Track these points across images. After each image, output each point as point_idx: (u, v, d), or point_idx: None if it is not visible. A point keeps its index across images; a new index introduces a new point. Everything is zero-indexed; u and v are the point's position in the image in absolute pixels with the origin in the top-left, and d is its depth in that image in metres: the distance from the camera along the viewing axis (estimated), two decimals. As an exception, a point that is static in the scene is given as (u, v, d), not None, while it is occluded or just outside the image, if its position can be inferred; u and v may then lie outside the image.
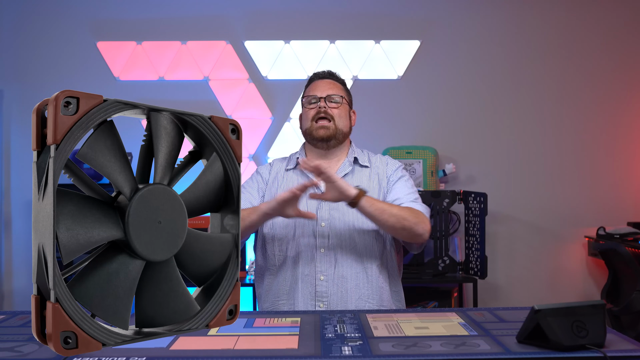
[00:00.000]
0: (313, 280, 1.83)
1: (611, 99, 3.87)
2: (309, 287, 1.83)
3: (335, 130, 1.94)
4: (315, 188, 1.76)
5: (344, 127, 1.96)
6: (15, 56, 3.80)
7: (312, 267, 1.84)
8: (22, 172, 3.79)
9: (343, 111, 1.96)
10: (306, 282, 1.83)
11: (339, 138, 1.96)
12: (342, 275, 1.83)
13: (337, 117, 1.94)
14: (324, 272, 1.83)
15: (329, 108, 1.94)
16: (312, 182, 1.70)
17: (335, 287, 1.82)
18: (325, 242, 1.85)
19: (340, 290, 1.82)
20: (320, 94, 1.96)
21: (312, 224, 1.87)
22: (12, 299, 3.77)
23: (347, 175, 1.96)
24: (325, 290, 1.82)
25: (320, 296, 1.82)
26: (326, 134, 1.93)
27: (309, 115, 1.96)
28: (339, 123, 1.95)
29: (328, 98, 1.95)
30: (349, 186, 1.71)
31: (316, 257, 1.84)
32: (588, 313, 1.18)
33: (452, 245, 3.56)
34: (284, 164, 2.05)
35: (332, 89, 1.97)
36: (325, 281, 1.82)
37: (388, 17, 3.83)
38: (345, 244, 1.85)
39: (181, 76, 3.80)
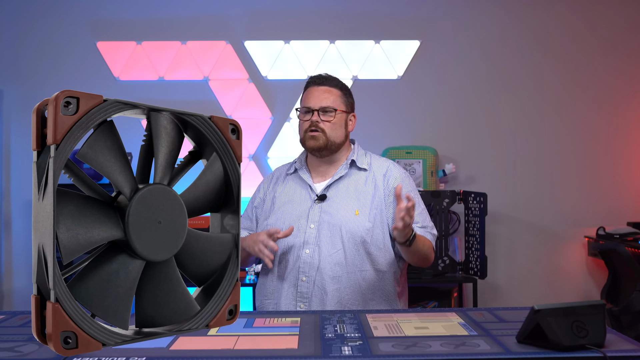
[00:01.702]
0: (296, 281, 1.84)
1: (611, 99, 3.87)
2: (292, 287, 1.85)
3: (326, 141, 1.92)
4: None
5: (336, 138, 1.93)
6: (15, 56, 3.80)
7: (296, 267, 1.85)
8: (22, 172, 3.79)
9: (337, 122, 1.93)
10: (289, 282, 1.85)
11: (331, 148, 1.94)
12: (323, 277, 1.83)
13: (329, 130, 1.92)
14: (307, 273, 1.84)
15: (321, 122, 1.91)
16: (286, 232, 1.80)
17: (316, 289, 1.83)
18: (312, 244, 1.86)
19: (321, 293, 1.82)
20: (314, 105, 1.92)
21: (302, 226, 1.88)
22: (12, 299, 3.77)
23: (343, 177, 1.95)
24: (306, 291, 1.83)
25: (301, 297, 1.83)
26: (316, 144, 1.92)
27: (302, 126, 1.95)
28: (331, 135, 1.92)
29: (321, 110, 1.92)
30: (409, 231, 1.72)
31: (301, 258, 1.85)
32: (588, 313, 1.18)
33: (452, 245, 3.56)
34: (286, 168, 2.08)
35: (327, 98, 1.93)
36: (307, 282, 1.83)
37: (388, 17, 3.83)
38: (330, 247, 1.85)
39: (181, 76, 3.80)
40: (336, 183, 1.95)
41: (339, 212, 1.88)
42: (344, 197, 1.91)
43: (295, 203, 1.94)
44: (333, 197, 1.92)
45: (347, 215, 1.87)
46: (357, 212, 1.88)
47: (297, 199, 1.95)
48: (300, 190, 1.97)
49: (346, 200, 1.91)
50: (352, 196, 1.91)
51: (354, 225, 1.85)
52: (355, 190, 1.92)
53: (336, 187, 1.94)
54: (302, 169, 2.00)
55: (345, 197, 1.91)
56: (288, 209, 1.94)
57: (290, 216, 1.92)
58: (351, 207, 1.89)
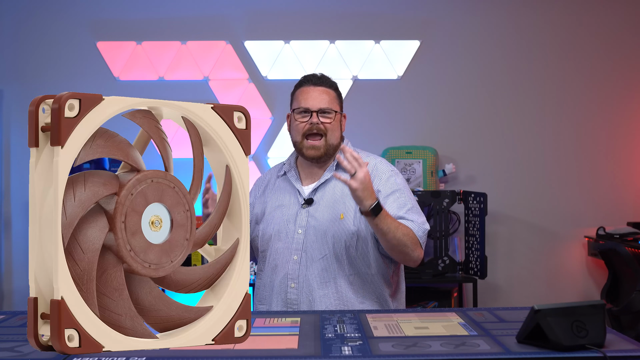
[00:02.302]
0: (285, 287, 1.83)
1: (611, 99, 3.87)
2: (282, 293, 1.83)
3: (325, 148, 1.87)
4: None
5: (334, 141, 1.89)
6: (15, 56, 3.80)
7: (285, 274, 1.84)
8: (22, 172, 3.79)
9: (335, 124, 1.89)
10: (280, 288, 1.84)
11: (329, 153, 1.89)
12: (311, 283, 1.81)
13: (330, 132, 1.87)
14: (295, 280, 1.82)
15: (322, 123, 1.86)
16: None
17: (303, 295, 1.81)
18: (299, 250, 1.84)
19: (309, 299, 1.81)
20: (312, 106, 1.86)
21: (290, 232, 1.86)
22: (12, 299, 3.77)
23: (329, 180, 1.90)
24: (295, 297, 1.82)
25: (291, 303, 1.82)
26: (316, 154, 1.87)
27: (299, 128, 1.88)
28: (330, 138, 1.87)
29: (320, 112, 1.86)
30: (369, 196, 1.66)
31: (290, 264, 1.84)
32: (588, 313, 1.18)
33: (452, 245, 3.57)
34: (277, 170, 2.04)
35: (325, 100, 1.88)
36: (295, 289, 1.82)
37: (388, 17, 3.83)
38: (316, 253, 1.83)
39: (181, 76, 3.80)
40: (322, 186, 1.90)
41: (324, 217, 1.85)
42: (329, 200, 1.88)
43: (284, 208, 1.91)
44: (319, 201, 1.88)
45: (332, 220, 1.84)
46: (342, 215, 1.85)
47: (286, 203, 1.92)
48: (288, 194, 1.93)
49: (332, 203, 1.87)
50: (338, 199, 1.87)
51: (338, 229, 1.83)
52: (341, 192, 1.86)
53: (322, 190, 1.90)
54: (291, 172, 1.95)
55: (331, 201, 1.87)
56: (277, 214, 1.91)
57: (279, 221, 1.89)
58: (337, 211, 1.85)
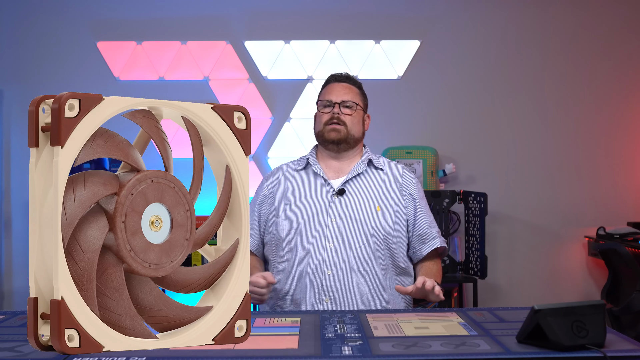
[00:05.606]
0: (320, 274, 1.84)
1: (611, 99, 3.87)
2: (316, 281, 1.84)
3: (347, 134, 1.97)
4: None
5: (356, 133, 1.99)
6: (15, 56, 3.80)
7: (320, 260, 1.85)
8: (22, 172, 3.79)
9: (356, 117, 1.99)
10: (314, 276, 1.84)
11: (350, 142, 1.98)
12: (349, 271, 1.84)
13: (350, 124, 1.97)
14: (332, 267, 1.84)
15: (342, 114, 1.96)
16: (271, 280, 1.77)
17: (341, 282, 1.83)
18: (335, 237, 1.86)
19: (347, 286, 1.83)
20: (335, 98, 1.98)
21: (323, 220, 1.88)
22: (12, 299, 3.77)
23: (360, 175, 1.97)
24: (332, 284, 1.83)
25: (327, 291, 1.83)
26: (337, 136, 1.96)
27: (322, 119, 2.00)
28: (352, 129, 1.97)
29: (342, 104, 1.97)
30: (432, 292, 1.77)
31: (325, 252, 1.85)
32: (588, 313, 1.18)
33: (452, 245, 3.57)
34: (294, 165, 2.07)
35: (348, 94, 2.00)
36: (332, 276, 1.83)
37: (388, 17, 3.83)
38: (354, 242, 1.86)
39: (181, 76, 3.80)
40: (353, 180, 1.97)
41: (360, 208, 1.90)
42: (363, 193, 1.94)
43: (311, 197, 1.94)
44: (352, 192, 1.94)
45: (369, 211, 1.90)
46: (378, 208, 1.91)
47: (312, 193, 1.95)
48: (314, 185, 1.97)
49: (366, 196, 1.94)
50: (371, 193, 1.94)
51: (377, 221, 1.89)
52: (374, 187, 1.96)
53: (353, 183, 1.96)
54: (316, 165, 2.01)
55: (365, 193, 1.94)
56: (305, 202, 1.93)
57: (309, 210, 1.91)
58: (372, 203, 1.92)
